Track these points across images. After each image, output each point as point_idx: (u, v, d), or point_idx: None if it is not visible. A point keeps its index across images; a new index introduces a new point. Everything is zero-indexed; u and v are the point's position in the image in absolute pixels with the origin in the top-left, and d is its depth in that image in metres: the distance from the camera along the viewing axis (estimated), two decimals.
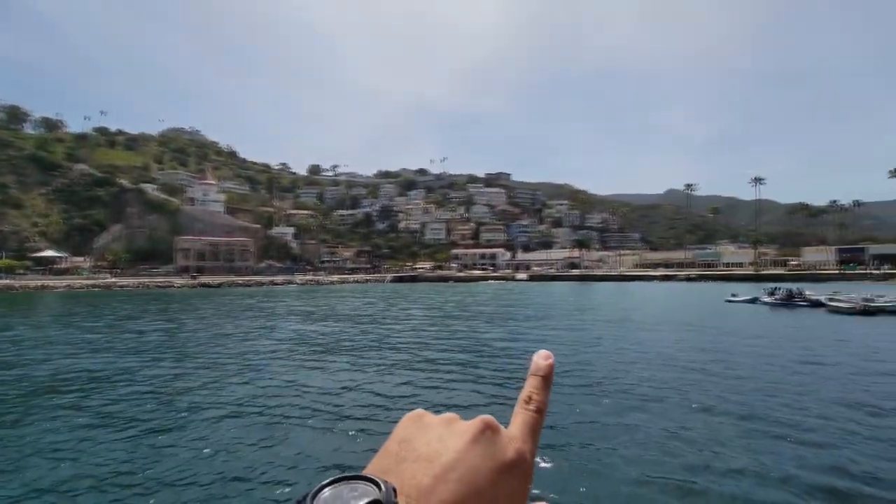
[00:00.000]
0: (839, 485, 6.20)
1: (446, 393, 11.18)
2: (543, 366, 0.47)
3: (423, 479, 0.37)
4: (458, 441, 0.40)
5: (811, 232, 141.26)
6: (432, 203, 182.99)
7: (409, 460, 0.38)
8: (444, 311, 33.47)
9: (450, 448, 0.39)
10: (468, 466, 0.38)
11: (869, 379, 12.24)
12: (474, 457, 0.39)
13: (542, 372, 0.47)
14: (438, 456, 0.38)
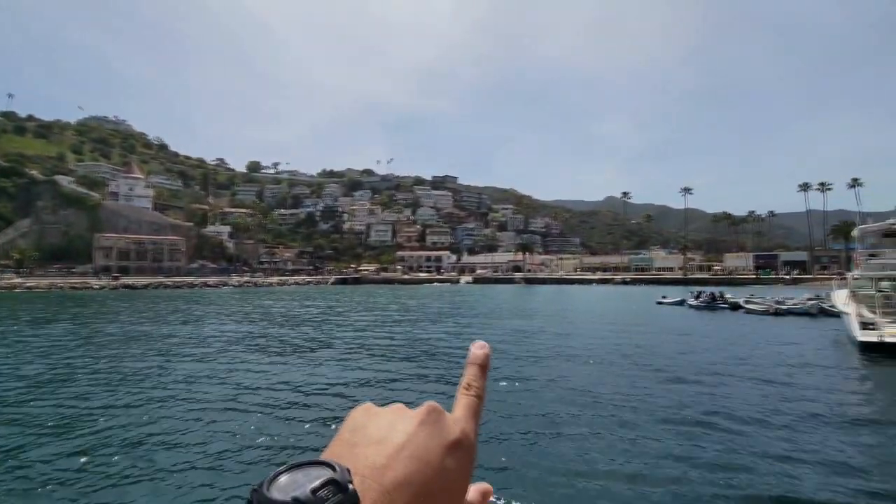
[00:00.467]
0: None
1: (392, 390, 11.12)
2: (480, 355, 0.51)
3: (377, 459, 0.39)
4: (407, 424, 0.42)
5: (733, 239, 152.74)
6: (378, 204, 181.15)
7: (361, 445, 0.41)
8: (388, 313, 33.19)
9: (400, 431, 0.42)
10: (417, 445, 0.41)
11: (774, 370, 13.52)
12: (423, 437, 0.42)
13: (479, 361, 0.51)
14: (389, 439, 0.41)
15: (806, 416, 9.13)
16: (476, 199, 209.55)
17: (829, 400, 10.39)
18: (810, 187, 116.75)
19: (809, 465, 6.88)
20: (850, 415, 9.41)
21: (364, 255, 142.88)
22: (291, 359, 14.82)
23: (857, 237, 24.00)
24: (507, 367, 13.54)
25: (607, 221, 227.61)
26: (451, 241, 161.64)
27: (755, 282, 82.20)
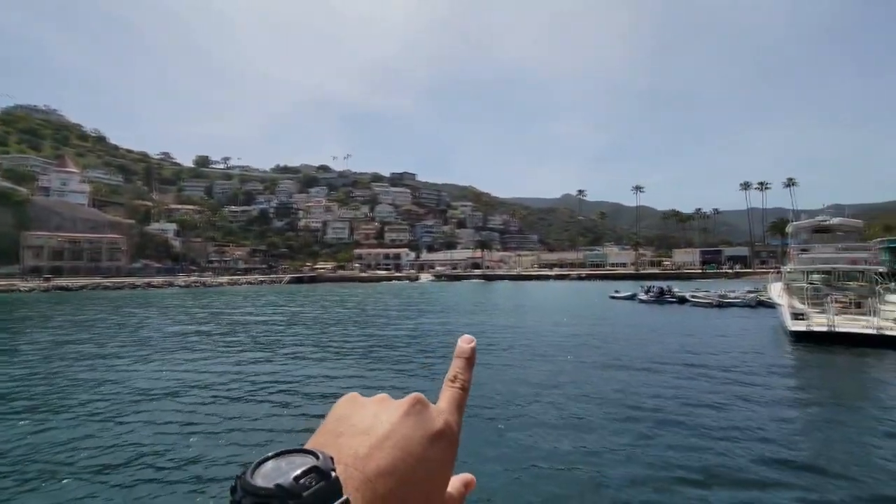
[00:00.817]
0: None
1: (349, 388, 10.93)
2: (466, 349, 0.53)
3: (360, 449, 0.40)
4: (391, 415, 0.43)
5: (681, 236, 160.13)
6: (335, 201, 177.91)
7: (346, 435, 0.41)
8: (345, 310, 32.70)
9: (384, 421, 0.43)
10: (401, 435, 0.42)
11: (711, 357, 14.28)
12: (407, 427, 0.42)
13: (465, 354, 0.53)
14: (374, 428, 0.42)
15: (741, 397, 9.97)
16: (435, 196, 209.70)
17: (763, 383, 11.26)
18: (751, 186, 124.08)
19: (741, 438, 7.57)
20: (779, 396, 10.28)
21: (320, 254, 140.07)
22: (240, 357, 14.33)
23: (791, 233, 25.72)
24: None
25: (564, 219, 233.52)
26: (409, 238, 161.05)
27: (701, 276, 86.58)
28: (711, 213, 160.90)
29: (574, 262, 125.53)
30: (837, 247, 22.48)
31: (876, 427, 8.27)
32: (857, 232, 24.62)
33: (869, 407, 9.68)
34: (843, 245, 22.60)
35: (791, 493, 5.90)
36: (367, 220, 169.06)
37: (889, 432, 7.97)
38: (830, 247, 22.63)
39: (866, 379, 12.12)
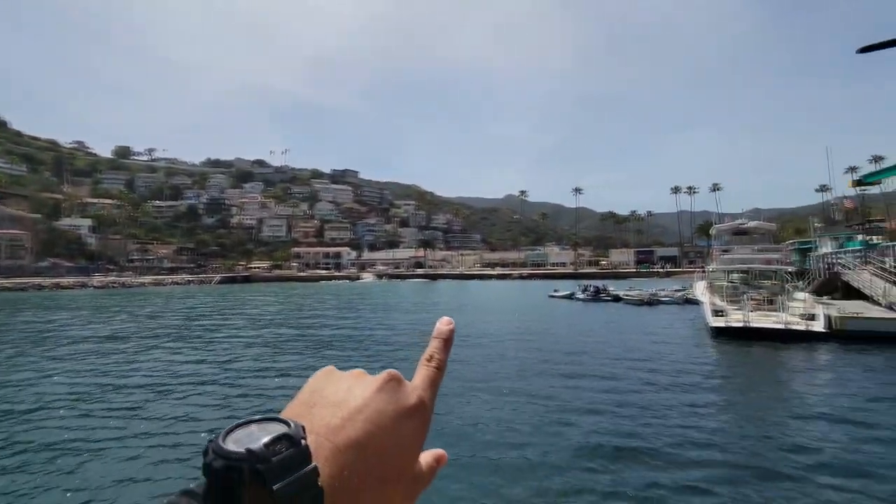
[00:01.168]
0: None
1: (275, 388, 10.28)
2: (445, 330, 0.54)
3: (332, 420, 0.41)
4: (365, 389, 0.44)
5: (618, 236, 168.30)
6: (272, 198, 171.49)
7: (318, 406, 0.42)
8: (277, 311, 31.37)
9: (357, 395, 0.44)
10: (374, 409, 0.42)
11: (636, 349, 14.90)
12: (380, 402, 0.43)
13: (443, 335, 0.53)
14: (347, 401, 0.43)
15: (665, 387, 10.78)
16: (378, 194, 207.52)
17: (685, 374, 11.98)
18: (680, 190, 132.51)
19: (663, 424, 8.21)
20: (699, 385, 10.96)
21: (255, 252, 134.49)
22: (156, 357, 13.20)
23: (714, 235, 27.51)
24: (404, 355, 13.46)
25: (507, 219, 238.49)
26: (351, 237, 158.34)
27: (635, 275, 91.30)
28: (645, 216, 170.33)
29: (516, 261, 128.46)
30: (754, 248, 24.25)
31: (781, 409, 9.22)
32: (771, 234, 26.69)
33: (776, 393, 10.55)
34: (759, 247, 24.42)
35: (709, 471, 6.48)
36: (306, 217, 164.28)
37: (793, 414, 8.94)
38: (748, 248, 24.36)
39: (774, 369, 13.08)
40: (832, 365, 13.24)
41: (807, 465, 6.61)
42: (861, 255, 24.25)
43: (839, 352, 14.67)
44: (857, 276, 22.40)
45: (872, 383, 10.96)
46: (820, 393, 10.45)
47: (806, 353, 14.70)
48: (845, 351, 14.69)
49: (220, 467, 0.33)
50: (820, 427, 8.19)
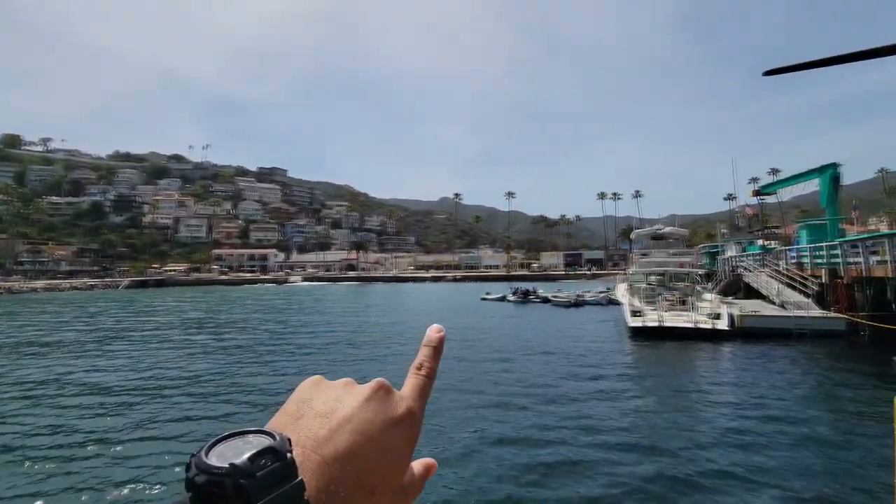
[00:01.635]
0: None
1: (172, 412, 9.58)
2: (435, 338, 0.54)
3: (320, 432, 0.40)
4: (353, 399, 0.44)
5: (549, 240, 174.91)
6: (190, 195, 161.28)
7: (306, 417, 0.42)
8: (187, 317, 29.43)
9: (346, 405, 0.43)
10: (362, 419, 0.42)
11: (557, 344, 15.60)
12: (368, 412, 0.43)
13: (433, 343, 0.54)
14: (334, 412, 0.42)
15: (585, 382, 11.58)
16: (308, 194, 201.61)
17: (605, 371, 12.83)
18: (606, 196, 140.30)
19: (580, 416, 8.92)
20: (616, 381, 11.68)
21: (171, 254, 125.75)
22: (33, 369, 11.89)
23: (634, 239, 29.35)
24: (335, 360, 13.07)
25: (442, 221, 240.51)
26: (279, 238, 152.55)
27: (564, 277, 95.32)
28: (574, 220, 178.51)
29: (450, 263, 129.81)
30: (669, 252, 26.17)
31: (686, 399, 10.16)
32: (685, 239, 28.95)
33: (682, 384, 11.46)
34: (673, 251, 26.38)
35: (625, 456, 7.09)
36: (229, 217, 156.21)
37: (696, 401, 9.87)
38: (664, 252, 26.26)
39: (683, 363, 14.17)
40: (732, 359, 14.56)
41: (707, 443, 7.47)
42: (759, 259, 26.89)
43: (739, 347, 16.15)
44: (755, 278, 24.82)
45: (765, 374, 12.20)
46: (720, 383, 11.56)
47: (712, 349, 16.04)
48: (744, 346, 16.20)
49: (203, 483, 0.32)
50: (719, 412, 9.19)
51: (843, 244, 18.32)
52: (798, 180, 24.59)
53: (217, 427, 8.46)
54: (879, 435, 7.61)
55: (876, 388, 10.58)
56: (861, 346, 15.53)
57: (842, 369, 12.72)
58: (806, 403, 9.84)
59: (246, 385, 11.65)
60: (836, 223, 21.88)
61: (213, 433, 0.74)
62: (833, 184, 21.33)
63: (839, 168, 21.31)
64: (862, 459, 6.80)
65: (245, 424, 0.36)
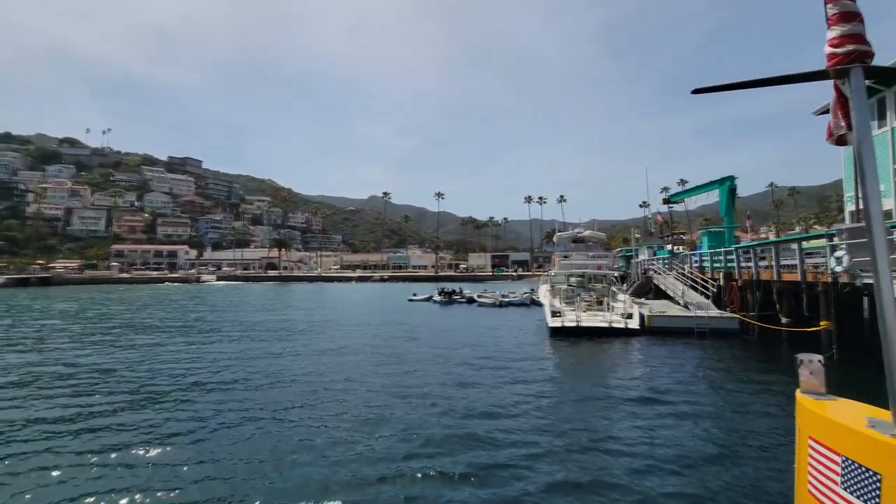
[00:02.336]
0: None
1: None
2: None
3: None
4: None
5: (477, 241, 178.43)
6: (86, 184, 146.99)
7: None
8: (64, 322, 26.80)
9: None
10: None
11: (481, 339, 16.04)
12: None
13: None
14: None
15: (505, 380, 12.10)
16: (226, 187, 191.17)
17: (524, 368, 13.37)
18: (532, 200, 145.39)
19: (500, 413, 9.19)
20: (535, 378, 12.22)
21: (61, 249, 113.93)
22: None
23: (556, 242, 30.68)
24: (250, 366, 13.10)
25: (371, 220, 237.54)
26: (191, 234, 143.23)
27: (492, 278, 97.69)
28: (502, 222, 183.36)
29: (378, 263, 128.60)
30: (589, 255, 27.65)
31: (598, 392, 10.83)
32: (602, 243, 30.71)
33: (595, 379, 12.22)
34: (592, 253, 27.91)
35: (538, 448, 7.50)
36: (133, 210, 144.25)
37: (612, 397, 10.44)
38: (584, 255, 27.70)
39: (597, 360, 15.08)
40: (641, 355, 15.68)
41: (613, 435, 8.03)
42: (667, 262, 29.21)
43: (647, 344, 17.41)
44: (663, 280, 26.91)
45: (667, 368, 13.30)
46: (629, 377, 12.46)
47: (623, 346, 17.17)
48: (651, 343, 17.50)
49: None
50: (627, 404, 9.97)
51: (737, 250, 20.36)
52: (701, 190, 27.04)
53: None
54: (770, 419, 8.61)
55: (764, 382, 11.83)
56: (751, 343, 17.32)
57: (734, 364, 14.16)
58: (699, 394, 10.81)
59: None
60: (732, 230, 24.29)
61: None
62: (730, 194, 23.69)
63: (735, 180, 23.72)
64: (755, 442, 7.61)
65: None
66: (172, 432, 8.18)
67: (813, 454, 2.51)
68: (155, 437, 7.96)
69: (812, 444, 2.53)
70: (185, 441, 7.79)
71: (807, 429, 2.61)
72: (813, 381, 2.80)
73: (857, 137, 2.49)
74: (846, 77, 2.50)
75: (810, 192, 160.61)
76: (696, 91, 2.93)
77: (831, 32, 2.53)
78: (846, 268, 11.80)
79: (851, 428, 2.27)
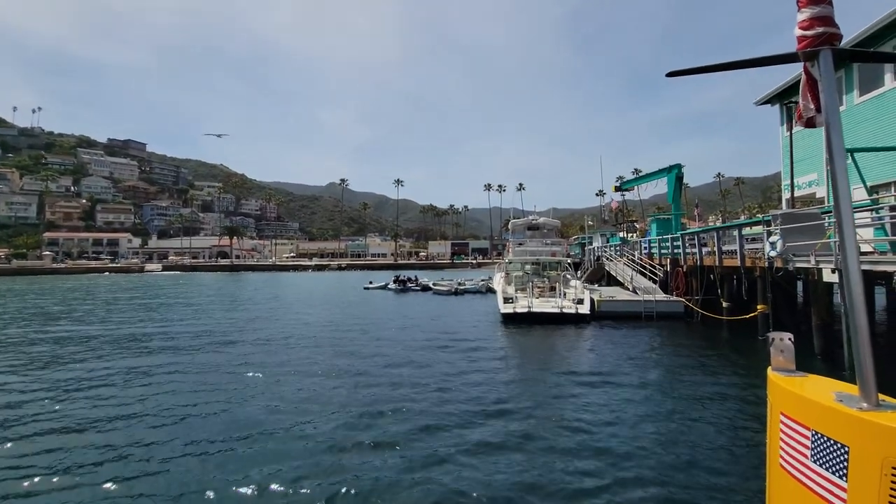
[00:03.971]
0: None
1: None
2: None
3: None
4: None
5: (438, 229, 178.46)
6: (14, 167, 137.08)
7: None
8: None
9: None
10: None
11: (430, 325, 15.92)
12: None
13: None
14: None
15: (456, 367, 12.00)
16: (173, 172, 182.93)
17: (475, 355, 13.41)
18: (492, 188, 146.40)
19: (450, 399, 9.27)
20: (486, 364, 12.25)
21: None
22: None
23: (511, 229, 30.75)
24: (193, 363, 12.63)
25: (329, 207, 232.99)
26: (135, 221, 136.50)
27: (451, 266, 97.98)
28: (462, 210, 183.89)
29: (335, 251, 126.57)
30: (543, 242, 27.87)
31: (546, 375, 11.03)
32: (557, 230, 31.06)
33: (544, 363, 12.37)
34: (547, 240, 28.15)
35: (493, 428, 7.72)
36: (68, 195, 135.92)
37: (560, 375, 10.68)
38: (538, 241, 27.91)
39: (547, 345, 15.20)
40: (590, 339, 15.96)
41: (565, 415, 8.19)
42: (619, 249, 29.92)
43: (597, 329, 17.74)
44: (614, 266, 27.55)
45: (614, 350, 13.62)
46: (577, 360, 12.74)
47: (574, 331, 17.42)
48: (601, 328, 17.86)
49: None
50: (573, 385, 10.20)
51: (683, 237, 21.00)
52: (651, 178, 27.73)
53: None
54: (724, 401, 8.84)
55: (708, 364, 12.21)
56: (695, 326, 17.95)
57: (678, 345, 14.64)
58: (648, 373, 11.09)
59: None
60: (678, 217, 25.05)
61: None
62: (677, 182, 24.38)
63: (682, 168, 24.41)
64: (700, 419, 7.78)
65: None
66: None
67: (784, 429, 2.58)
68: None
69: (783, 419, 2.60)
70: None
71: (778, 405, 2.68)
72: (783, 358, 2.88)
73: (826, 119, 2.56)
74: (815, 59, 2.59)
75: (754, 183, 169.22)
76: (670, 74, 2.87)
77: (801, 15, 2.57)
78: (780, 252, 12.21)
79: (819, 402, 2.34)
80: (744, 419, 8.00)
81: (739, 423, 7.80)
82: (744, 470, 6.09)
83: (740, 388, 9.94)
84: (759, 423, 7.37)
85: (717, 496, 5.44)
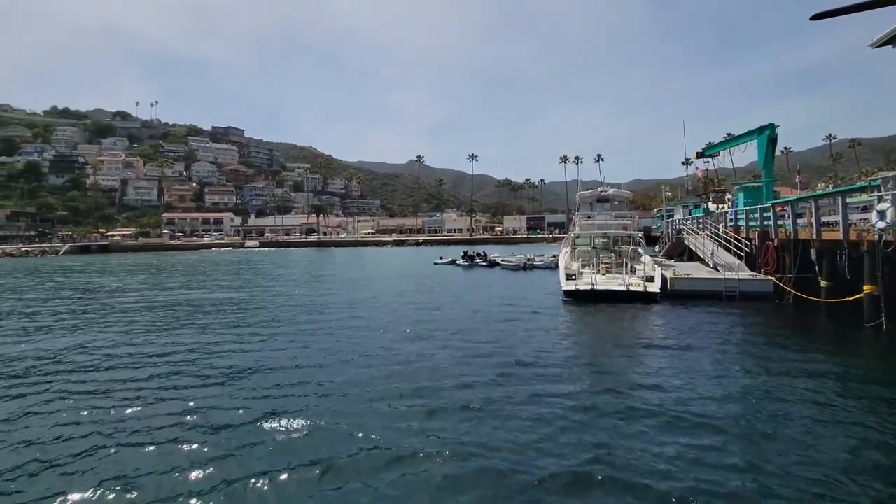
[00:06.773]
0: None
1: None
2: None
3: None
4: None
5: (514, 203, 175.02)
6: (138, 156, 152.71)
7: None
8: (124, 284, 27.77)
9: None
10: None
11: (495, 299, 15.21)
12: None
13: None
14: None
15: (518, 341, 11.78)
16: (267, 155, 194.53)
17: (539, 329, 13.09)
18: (568, 160, 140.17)
19: (513, 373, 9.25)
20: (549, 338, 11.97)
21: (117, 218, 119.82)
22: None
23: (578, 202, 28.75)
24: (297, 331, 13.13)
25: (409, 184, 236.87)
26: (236, 202, 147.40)
27: (526, 241, 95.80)
28: (539, 183, 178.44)
29: (413, 227, 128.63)
30: (613, 215, 25.80)
31: (609, 355, 10.37)
32: (628, 202, 28.63)
33: (605, 346, 11.38)
34: (617, 213, 26.02)
35: (564, 398, 7.70)
36: (181, 179, 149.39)
37: (625, 356, 10.31)
38: (608, 214, 25.87)
39: (611, 325, 13.93)
40: (659, 320, 14.41)
41: (632, 404, 7.30)
42: (701, 222, 26.97)
43: (668, 309, 16.01)
44: (695, 240, 24.89)
45: (684, 335, 12.03)
46: (639, 342, 11.55)
47: (641, 311, 15.84)
48: (672, 308, 16.09)
49: None
50: (642, 371, 9.36)
51: (773, 206, 18.25)
52: (738, 142, 24.40)
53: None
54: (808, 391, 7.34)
55: (802, 357, 10.39)
56: (785, 309, 15.58)
57: (762, 333, 12.61)
58: (707, 366, 9.53)
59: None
60: (770, 185, 21.88)
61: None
62: (770, 145, 21.15)
63: (776, 129, 21.11)
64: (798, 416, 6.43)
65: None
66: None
67: None
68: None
69: None
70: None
71: None
72: None
73: None
74: None
75: (874, 144, 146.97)
76: (815, 17, 2.65)
77: None
78: (890, 223, 9.93)
79: None
80: (856, 438, 6.07)
81: (850, 443, 5.93)
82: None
83: (844, 391, 7.81)
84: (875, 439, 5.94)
85: None
